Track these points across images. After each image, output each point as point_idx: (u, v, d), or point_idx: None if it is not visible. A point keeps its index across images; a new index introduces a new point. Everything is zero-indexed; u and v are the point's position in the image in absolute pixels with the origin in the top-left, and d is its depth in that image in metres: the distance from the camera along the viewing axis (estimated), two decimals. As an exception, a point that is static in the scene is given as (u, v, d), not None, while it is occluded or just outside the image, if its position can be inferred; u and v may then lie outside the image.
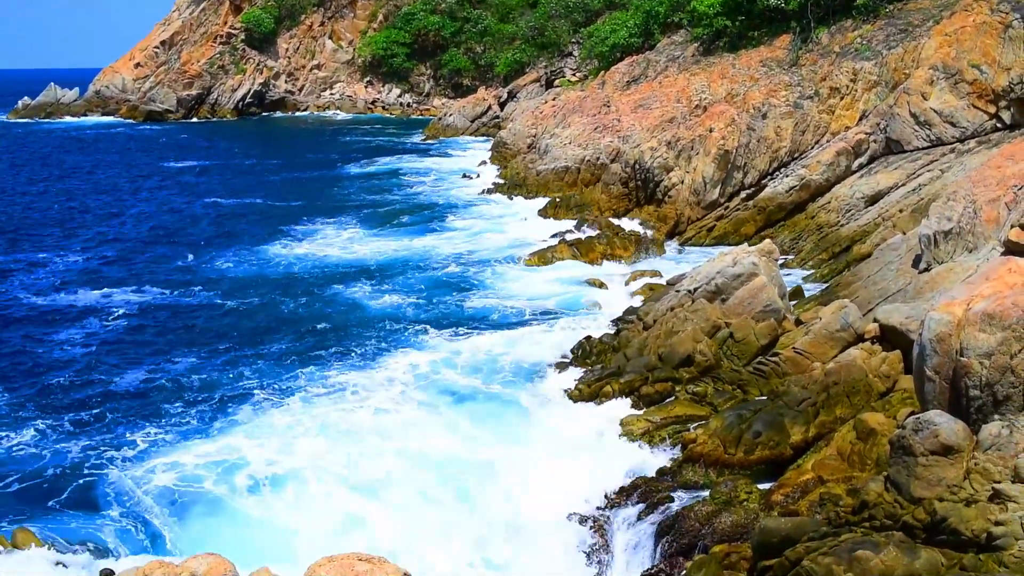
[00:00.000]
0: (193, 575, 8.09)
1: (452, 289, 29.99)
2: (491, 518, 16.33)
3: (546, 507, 16.49)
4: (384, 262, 34.17)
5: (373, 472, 17.53)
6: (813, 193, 33.84)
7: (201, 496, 16.83)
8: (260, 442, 18.63)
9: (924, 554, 12.65)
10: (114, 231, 41.48)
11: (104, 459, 18.26)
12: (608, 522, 16.24)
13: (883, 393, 18.15)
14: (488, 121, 77.60)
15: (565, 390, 20.87)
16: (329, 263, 34.27)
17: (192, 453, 18.23)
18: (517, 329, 25.39)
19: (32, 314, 28.22)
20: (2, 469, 17.84)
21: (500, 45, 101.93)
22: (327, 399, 20.90)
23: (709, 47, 44.23)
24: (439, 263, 33.69)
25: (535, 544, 15.61)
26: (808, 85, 36.81)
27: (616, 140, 41.89)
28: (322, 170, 61.25)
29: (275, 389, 21.67)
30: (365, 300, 29.02)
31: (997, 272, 15.54)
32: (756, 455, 17.48)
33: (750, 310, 20.68)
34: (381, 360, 23.31)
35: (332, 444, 18.50)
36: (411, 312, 27.62)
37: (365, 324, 26.43)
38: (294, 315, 27.73)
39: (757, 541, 14.09)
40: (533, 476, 17.30)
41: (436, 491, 17.07)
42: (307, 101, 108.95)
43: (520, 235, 37.21)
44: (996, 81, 31.18)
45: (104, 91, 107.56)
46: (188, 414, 20.39)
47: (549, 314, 26.69)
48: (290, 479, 17.27)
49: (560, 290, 28.89)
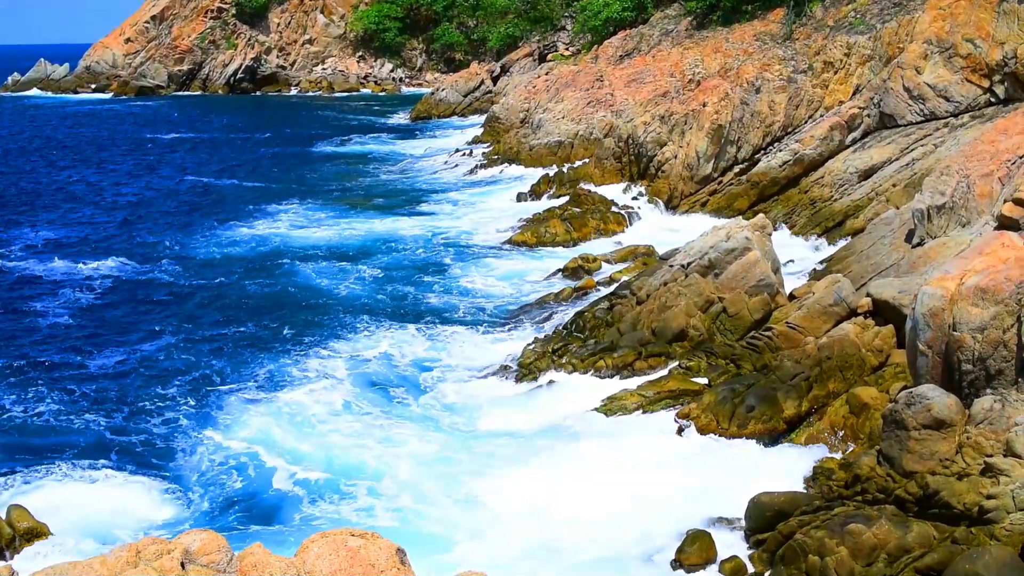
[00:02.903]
0: (186, 551, 8.07)
1: (423, 273, 29.85)
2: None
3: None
4: (359, 244, 33.89)
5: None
6: (807, 167, 33.77)
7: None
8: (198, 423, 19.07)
9: (916, 527, 12.72)
10: (89, 206, 41.58)
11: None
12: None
13: (876, 367, 18.20)
14: (481, 96, 77.15)
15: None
16: (306, 243, 34.10)
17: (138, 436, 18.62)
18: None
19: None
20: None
21: (493, 19, 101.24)
22: (290, 384, 21.03)
23: (703, 21, 44.02)
24: (416, 244, 33.46)
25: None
26: (802, 59, 36.67)
27: (609, 115, 41.76)
28: (306, 146, 60.59)
29: (231, 373, 21.83)
30: (336, 285, 28.76)
31: (990, 247, 15.55)
32: (749, 429, 17.53)
33: (743, 285, 20.68)
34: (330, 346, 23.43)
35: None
36: (387, 297, 27.49)
37: (327, 310, 26.33)
38: (259, 297, 27.66)
39: (750, 515, 14.17)
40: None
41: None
42: (299, 76, 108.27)
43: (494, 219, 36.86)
44: (990, 55, 31.07)
45: (94, 67, 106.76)
46: (127, 396, 20.57)
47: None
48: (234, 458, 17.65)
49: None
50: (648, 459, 16.93)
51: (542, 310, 25.25)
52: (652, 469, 16.58)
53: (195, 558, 8.08)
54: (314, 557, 8.05)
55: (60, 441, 18.41)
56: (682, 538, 14.24)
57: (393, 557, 8.10)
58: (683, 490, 15.80)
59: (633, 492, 15.76)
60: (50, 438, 18.59)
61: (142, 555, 8.02)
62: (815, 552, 12.78)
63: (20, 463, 17.42)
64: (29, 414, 19.69)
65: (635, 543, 14.54)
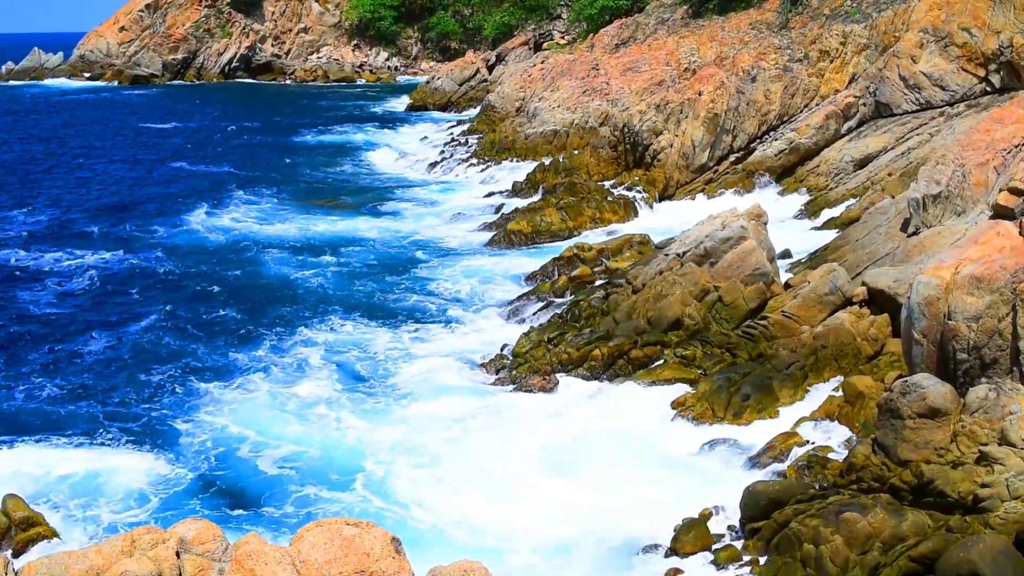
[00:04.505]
0: (181, 540, 8.07)
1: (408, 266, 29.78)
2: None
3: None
4: (345, 238, 33.76)
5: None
6: (802, 157, 33.78)
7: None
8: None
9: (911, 516, 12.74)
10: (73, 194, 41.67)
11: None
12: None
13: (871, 356, 18.23)
14: (476, 85, 76.89)
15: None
16: (287, 236, 34.05)
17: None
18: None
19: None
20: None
21: (488, 8, 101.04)
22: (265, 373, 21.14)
23: (698, 10, 43.97)
24: (399, 241, 33.32)
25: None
26: (798, 48, 36.63)
27: (605, 103, 41.70)
28: (295, 136, 60.34)
29: (215, 360, 21.95)
30: (309, 277, 28.73)
31: (985, 236, 15.54)
32: (744, 418, 17.55)
33: (739, 274, 20.67)
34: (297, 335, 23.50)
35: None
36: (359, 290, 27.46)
37: (301, 299, 26.43)
38: (237, 287, 27.75)
39: (745, 503, 14.19)
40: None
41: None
42: (294, 65, 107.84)
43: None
44: (986, 44, 31.05)
45: (89, 55, 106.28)
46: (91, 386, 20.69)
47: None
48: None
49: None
50: (643, 448, 16.96)
51: (537, 300, 25.22)
52: (647, 459, 16.62)
53: (190, 547, 8.08)
54: (309, 546, 8.05)
55: (47, 425, 18.66)
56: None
57: (388, 546, 8.10)
58: (677, 481, 15.85)
59: (628, 482, 15.79)
60: (35, 423, 18.81)
61: (137, 544, 8.02)
62: (810, 540, 12.81)
63: (6, 444, 17.68)
64: (17, 398, 19.94)
65: (629, 532, 14.58)
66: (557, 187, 35.72)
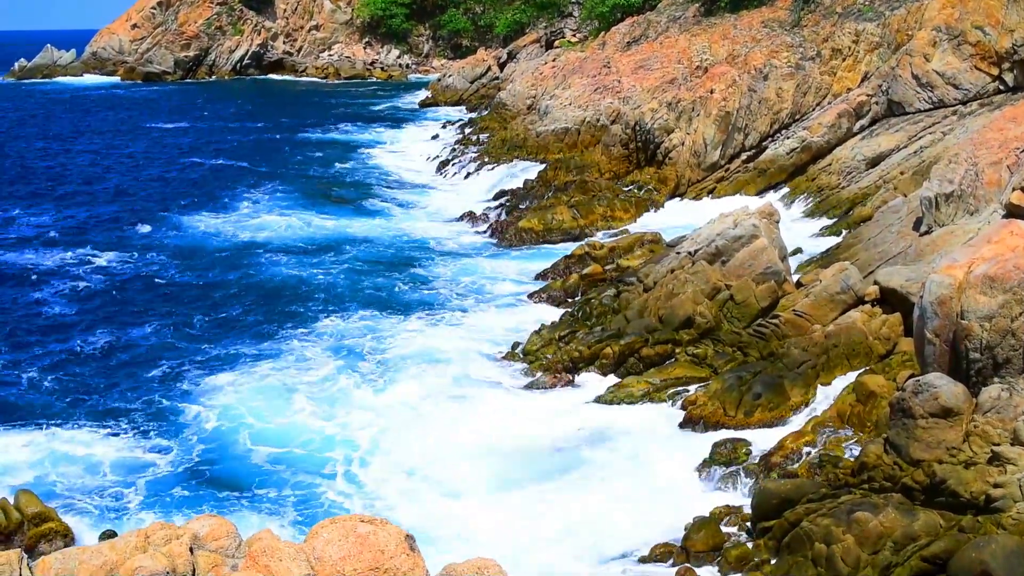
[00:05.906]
0: (195, 536, 8.11)
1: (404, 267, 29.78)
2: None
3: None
4: (347, 236, 33.76)
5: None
6: (814, 155, 33.69)
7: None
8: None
9: (923, 516, 12.72)
10: (83, 191, 41.88)
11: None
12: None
13: (883, 355, 18.19)
14: (488, 82, 76.86)
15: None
16: (295, 234, 34.12)
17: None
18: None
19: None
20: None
21: (500, 5, 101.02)
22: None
23: (710, 7, 43.86)
24: (408, 238, 33.32)
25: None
26: (810, 46, 36.53)
27: (616, 101, 41.62)
28: (305, 134, 60.32)
29: (214, 354, 22.15)
30: (314, 273, 28.80)
31: (998, 235, 15.49)
32: (756, 417, 17.54)
33: (750, 272, 20.65)
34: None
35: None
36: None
37: (306, 296, 26.49)
38: (237, 284, 27.85)
39: (756, 502, 14.18)
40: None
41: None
42: (305, 62, 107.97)
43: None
44: (999, 43, 30.93)
45: (101, 52, 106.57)
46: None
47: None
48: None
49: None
50: (654, 447, 16.97)
51: (548, 297, 25.24)
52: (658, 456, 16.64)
53: (204, 543, 8.12)
54: (323, 543, 8.07)
55: (49, 416, 18.85)
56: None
57: (403, 543, 8.12)
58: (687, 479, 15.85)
59: (639, 481, 15.81)
60: (39, 414, 19.00)
61: (151, 540, 8.06)
62: (821, 540, 12.80)
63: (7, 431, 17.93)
64: (22, 392, 20.15)
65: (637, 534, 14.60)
66: (568, 185, 35.67)
